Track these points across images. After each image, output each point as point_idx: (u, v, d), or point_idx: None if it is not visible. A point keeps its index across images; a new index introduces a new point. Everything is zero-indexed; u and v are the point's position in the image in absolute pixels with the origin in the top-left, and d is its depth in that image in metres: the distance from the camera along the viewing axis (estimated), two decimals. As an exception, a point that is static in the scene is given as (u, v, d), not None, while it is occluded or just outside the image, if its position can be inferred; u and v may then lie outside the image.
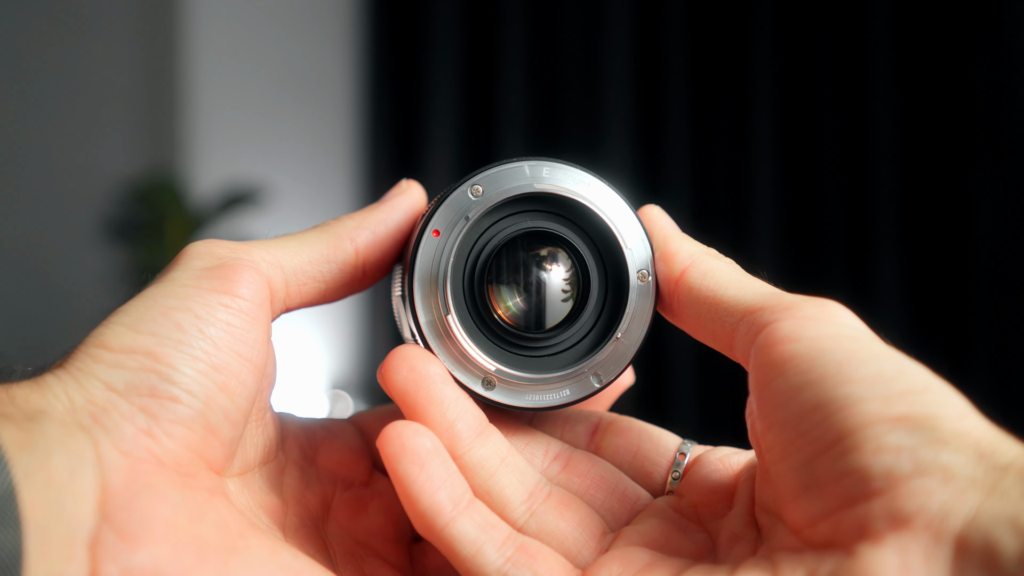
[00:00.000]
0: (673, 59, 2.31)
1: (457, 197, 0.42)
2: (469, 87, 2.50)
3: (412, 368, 0.41)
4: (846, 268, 2.18)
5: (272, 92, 2.57)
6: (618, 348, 0.43)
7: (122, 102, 2.54)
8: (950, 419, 0.32)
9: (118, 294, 2.40)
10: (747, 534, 0.37)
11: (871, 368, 0.33)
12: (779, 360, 0.35)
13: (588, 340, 0.43)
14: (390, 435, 0.39)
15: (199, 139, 2.50)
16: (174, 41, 2.49)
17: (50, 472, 0.32)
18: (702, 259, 0.42)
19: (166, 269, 0.41)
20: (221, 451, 0.39)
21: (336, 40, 2.66)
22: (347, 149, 2.67)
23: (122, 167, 2.48)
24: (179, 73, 2.49)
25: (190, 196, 2.38)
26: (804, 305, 0.37)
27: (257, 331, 0.40)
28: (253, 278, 0.40)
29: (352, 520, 0.45)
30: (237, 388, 0.39)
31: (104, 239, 2.43)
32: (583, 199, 0.42)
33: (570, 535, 0.41)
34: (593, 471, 0.44)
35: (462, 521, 0.39)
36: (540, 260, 0.43)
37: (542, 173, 0.43)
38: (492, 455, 0.42)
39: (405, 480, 0.39)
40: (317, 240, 0.45)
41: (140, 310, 0.38)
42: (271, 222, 2.43)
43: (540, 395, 0.43)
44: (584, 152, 2.35)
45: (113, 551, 0.33)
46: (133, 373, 0.36)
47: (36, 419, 0.33)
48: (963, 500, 0.30)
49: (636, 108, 2.34)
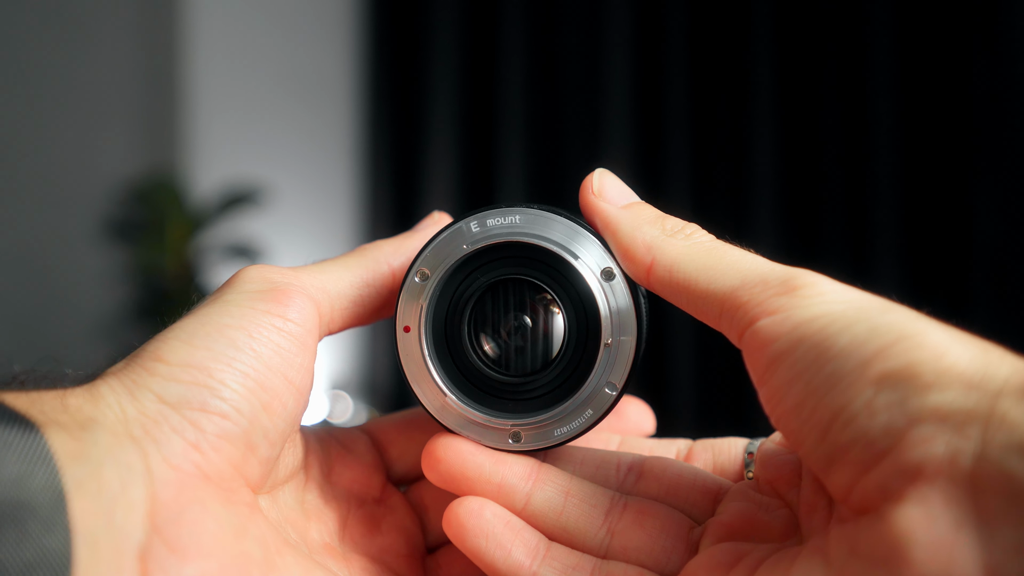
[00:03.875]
0: (673, 60, 2.31)
1: (408, 288, 0.44)
2: (469, 87, 2.50)
3: (439, 459, 0.42)
4: (846, 268, 2.18)
5: (272, 92, 2.57)
6: (617, 351, 0.42)
7: (122, 102, 2.54)
8: (928, 361, 0.31)
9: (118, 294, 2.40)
10: (820, 502, 0.37)
11: (845, 338, 0.33)
12: (766, 363, 0.36)
13: (585, 357, 0.43)
14: (449, 518, 0.41)
15: (199, 139, 2.50)
16: (174, 41, 2.49)
17: (101, 482, 0.32)
18: (662, 251, 0.41)
19: (219, 291, 0.42)
20: (258, 469, 0.39)
21: (336, 40, 2.66)
22: (347, 149, 2.67)
23: (122, 167, 2.48)
24: (179, 73, 2.49)
25: (190, 196, 2.37)
26: (776, 298, 0.37)
27: (304, 356, 0.41)
28: (304, 303, 0.42)
29: (366, 537, 0.45)
30: (279, 410, 0.39)
31: (104, 239, 2.43)
32: (517, 235, 0.42)
33: (656, 544, 0.42)
34: (670, 471, 0.44)
35: (544, 571, 0.40)
36: (507, 306, 0.44)
37: (472, 228, 0.43)
38: (554, 493, 0.42)
39: (477, 554, 0.41)
40: (357, 264, 0.46)
41: (195, 326, 0.39)
42: (271, 222, 2.43)
43: (566, 426, 0.43)
44: (584, 150, 2.36)
45: (164, 564, 0.33)
46: (187, 387, 0.37)
47: (88, 428, 0.34)
48: (966, 436, 0.29)
49: (636, 107, 2.34)
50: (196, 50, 2.48)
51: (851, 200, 2.19)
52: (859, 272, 2.16)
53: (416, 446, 0.49)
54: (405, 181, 2.56)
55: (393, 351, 0.43)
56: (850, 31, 2.19)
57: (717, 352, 2.22)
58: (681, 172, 2.29)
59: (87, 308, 2.44)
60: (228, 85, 2.52)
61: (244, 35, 2.54)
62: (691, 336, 2.26)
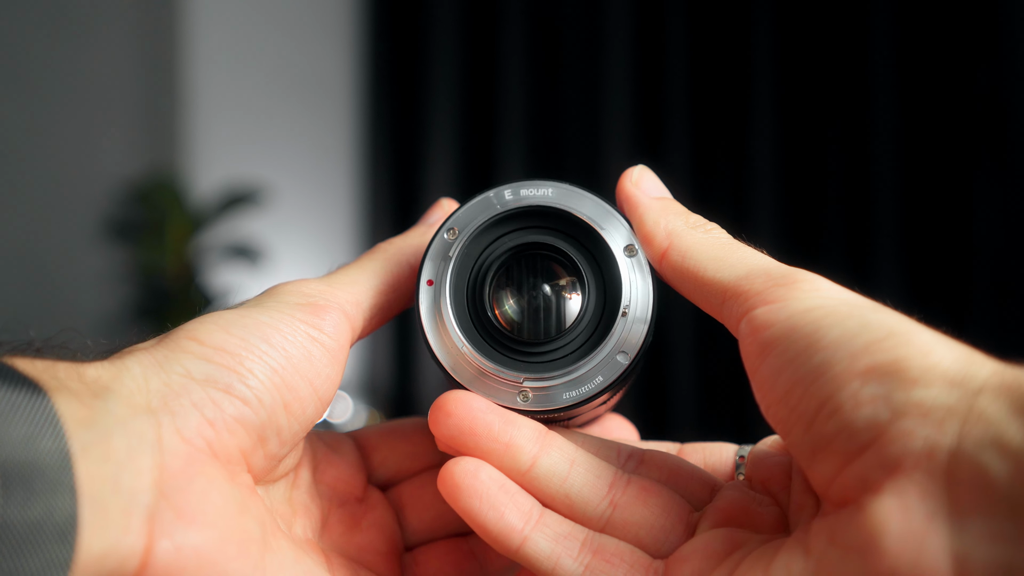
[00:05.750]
0: (673, 60, 2.31)
1: (436, 245, 0.45)
2: (469, 86, 2.50)
3: (450, 413, 0.42)
4: (846, 270, 2.18)
5: (272, 92, 2.57)
6: (632, 321, 0.43)
7: (122, 102, 2.54)
8: (915, 357, 0.32)
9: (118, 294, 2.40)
10: (808, 501, 0.38)
11: (836, 331, 0.34)
12: (759, 349, 0.37)
13: (601, 326, 0.44)
14: (443, 477, 0.41)
15: (199, 139, 2.50)
16: (174, 41, 2.49)
17: (108, 448, 0.33)
18: (680, 238, 0.43)
19: (257, 298, 0.43)
20: (263, 463, 0.41)
21: (336, 40, 2.66)
22: (347, 149, 2.67)
23: (122, 167, 2.48)
24: (179, 73, 2.49)
25: (190, 196, 2.38)
26: (775, 289, 0.38)
27: (333, 368, 0.42)
28: (340, 321, 0.43)
29: (346, 535, 0.46)
30: (298, 412, 0.41)
31: (104, 239, 2.43)
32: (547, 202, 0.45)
33: (656, 522, 0.42)
34: (669, 463, 0.45)
35: (535, 537, 0.41)
36: (533, 270, 0.45)
37: (505, 196, 0.45)
38: (560, 459, 0.43)
39: (469, 515, 0.41)
40: (381, 269, 0.47)
41: (234, 317, 0.41)
42: (271, 222, 2.43)
43: (576, 390, 0.43)
44: (584, 151, 2.36)
45: (170, 528, 0.34)
46: (216, 368, 0.38)
47: (102, 396, 0.34)
48: (944, 432, 0.30)
49: (636, 108, 2.34)
50: (196, 50, 2.48)
51: (852, 202, 2.19)
52: (859, 274, 2.16)
53: (398, 453, 0.50)
54: (405, 181, 2.56)
55: (414, 305, 0.45)
56: (851, 32, 2.19)
57: (717, 359, 2.22)
58: (681, 173, 2.29)
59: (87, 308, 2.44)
60: (228, 85, 2.52)
61: (244, 35, 2.54)
62: (691, 344, 2.26)
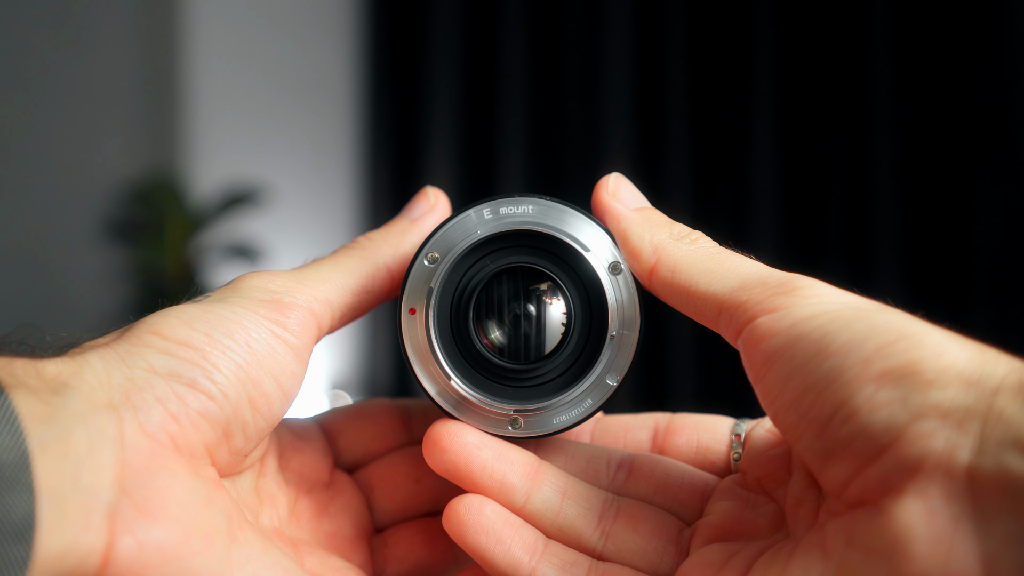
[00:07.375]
0: (674, 60, 2.31)
1: (416, 272, 0.44)
2: (469, 87, 2.50)
3: (445, 448, 0.43)
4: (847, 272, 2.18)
5: (272, 92, 2.57)
6: (620, 343, 0.43)
7: (122, 102, 2.53)
8: (929, 359, 0.32)
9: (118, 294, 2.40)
10: (808, 496, 0.38)
11: (844, 336, 0.34)
12: (764, 359, 0.37)
13: (589, 348, 0.44)
14: (449, 515, 0.42)
15: (199, 139, 2.50)
16: (174, 42, 2.49)
17: (68, 445, 0.33)
18: (668, 253, 0.42)
19: (219, 291, 0.43)
20: (227, 458, 0.40)
21: (336, 40, 2.66)
22: (347, 149, 2.67)
23: (122, 167, 2.48)
24: (179, 73, 2.49)
25: (190, 196, 2.38)
26: (775, 297, 0.38)
27: (297, 365, 0.42)
28: (305, 319, 0.43)
29: (313, 521, 0.47)
30: (263, 408, 0.41)
31: (104, 239, 2.43)
32: (528, 223, 0.43)
33: (648, 546, 0.42)
34: (658, 470, 0.45)
35: (542, 568, 0.41)
36: (516, 294, 0.44)
37: (484, 215, 0.44)
38: (551, 493, 0.43)
39: (477, 551, 0.41)
40: (357, 269, 0.46)
41: (196, 311, 0.40)
42: (271, 222, 2.43)
43: (565, 415, 0.43)
44: (584, 152, 2.35)
45: (132, 524, 0.34)
46: (180, 362, 0.38)
47: (61, 393, 0.34)
48: (965, 432, 0.30)
49: (636, 108, 2.34)
50: (196, 51, 2.48)
51: (852, 203, 2.19)
52: (860, 276, 2.16)
53: (365, 436, 0.50)
54: (405, 181, 2.56)
55: (396, 334, 0.44)
56: (852, 34, 2.19)
57: (717, 339, 2.22)
58: (681, 174, 2.29)
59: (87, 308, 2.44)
60: (228, 85, 2.51)
61: (244, 35, 2.54)
62: (691, 324, 2.26)
